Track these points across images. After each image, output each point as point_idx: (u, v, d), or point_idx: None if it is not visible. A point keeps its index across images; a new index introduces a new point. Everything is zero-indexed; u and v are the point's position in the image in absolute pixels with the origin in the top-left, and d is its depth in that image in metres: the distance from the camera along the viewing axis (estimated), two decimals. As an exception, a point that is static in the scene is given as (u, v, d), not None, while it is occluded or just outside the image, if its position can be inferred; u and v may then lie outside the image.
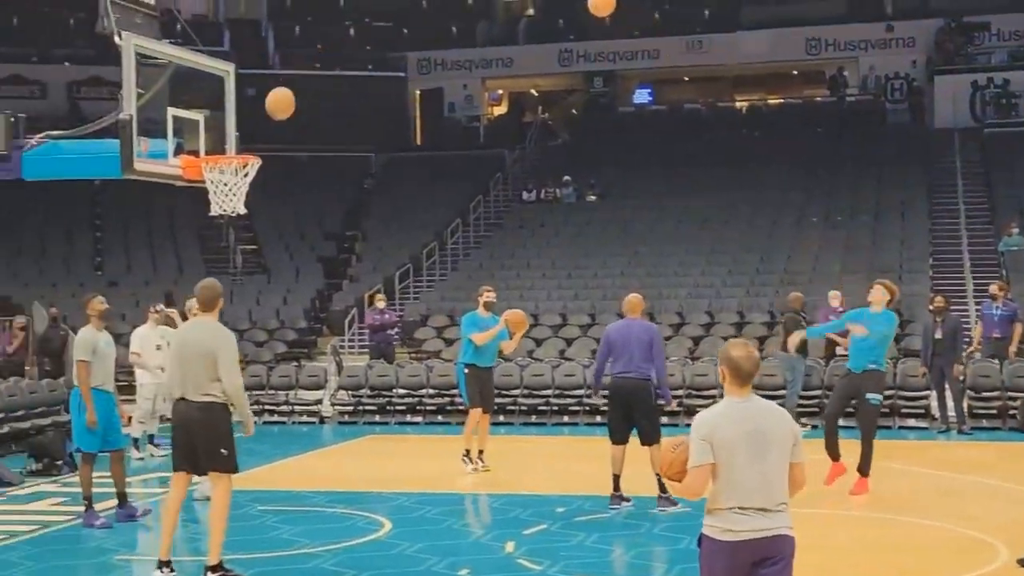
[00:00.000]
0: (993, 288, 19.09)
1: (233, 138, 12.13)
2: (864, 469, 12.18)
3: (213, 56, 13.27)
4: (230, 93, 12.12)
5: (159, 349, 15.35)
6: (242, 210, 11.96)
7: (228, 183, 11.63)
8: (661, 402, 11.92)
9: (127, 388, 22.26)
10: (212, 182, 11.53)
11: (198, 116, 12.11)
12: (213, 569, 8.78)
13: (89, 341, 11.25)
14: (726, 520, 5.44)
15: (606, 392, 12.10)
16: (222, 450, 8.84)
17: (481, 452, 13.89)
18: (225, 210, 11.84)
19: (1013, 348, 18.77)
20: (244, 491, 13.23)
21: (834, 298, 19.44)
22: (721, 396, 15.03)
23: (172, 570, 8.98)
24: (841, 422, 12.68)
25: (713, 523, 5.49)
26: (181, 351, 8.93)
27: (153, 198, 31.63)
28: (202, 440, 8.81)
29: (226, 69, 12.22)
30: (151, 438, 16.15)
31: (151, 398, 15.78)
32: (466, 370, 13.98)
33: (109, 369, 11.46)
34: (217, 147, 11.99)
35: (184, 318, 14.23)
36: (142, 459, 15.76)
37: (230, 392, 8.80)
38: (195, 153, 11.78)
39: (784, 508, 5.47)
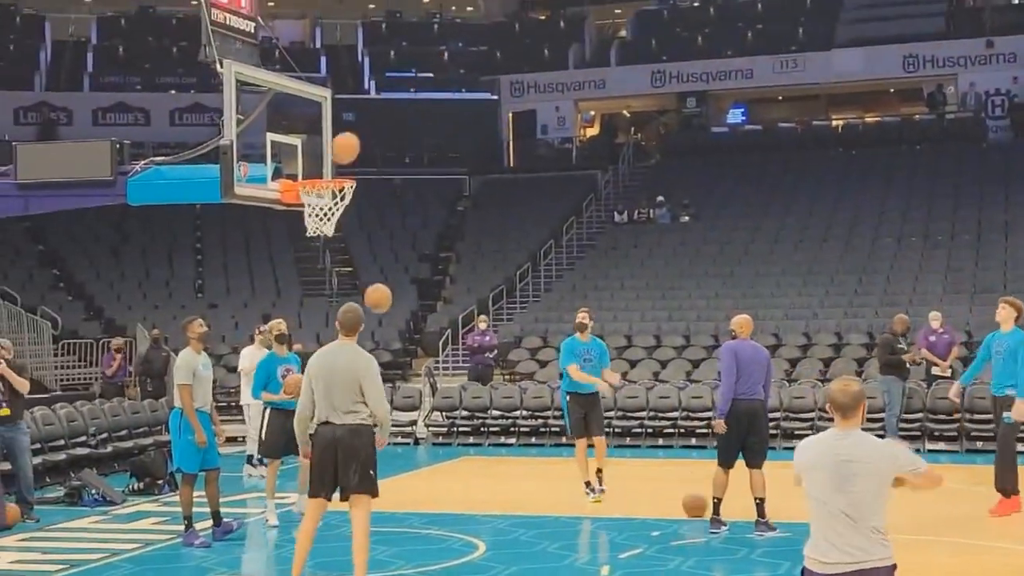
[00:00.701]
0: None
1: (330, 163, 12.28)
2: (1001, 488, 12.05)
3: (310, 82, 13.48)
4: (327, 118, 12.30)
5: None
6: (330, 232, 12.09)
7: (325, 206, 11.79)
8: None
9: (226, 408, 22.70)
10: (309, 205, 11.70)
11: (296, 141, 12.30)
12: None
13: (190, 364, 11.42)
14: (817, 550, 5.49)
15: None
16: (371, 472, 8.83)
17: (600, 471, 13.63)
18: (318, 232, 11.99)
19: None
20: (339, 512, 13.33)
21: (935, 319, 19.03)
22: (818, 420, 14.68)
23: None
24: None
25: (809, 553, 5.54)
26: (327, 375, 8.79)
27: (251, 222, 32.17)
28: (352, 463, 8.74)
29: (323, 95, 12.40)
30: (249, 458, 16.33)
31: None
32: (567, 398, 13.79)
33: (207, 391, 11.62)
34: (314, 171, 12.16)
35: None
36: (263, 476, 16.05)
37: (380, 415, 8.87)
38: (293, 177, 11.95)
39: (878, 538, 5.42)
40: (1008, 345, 12.06)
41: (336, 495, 8.95)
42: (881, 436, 17.29)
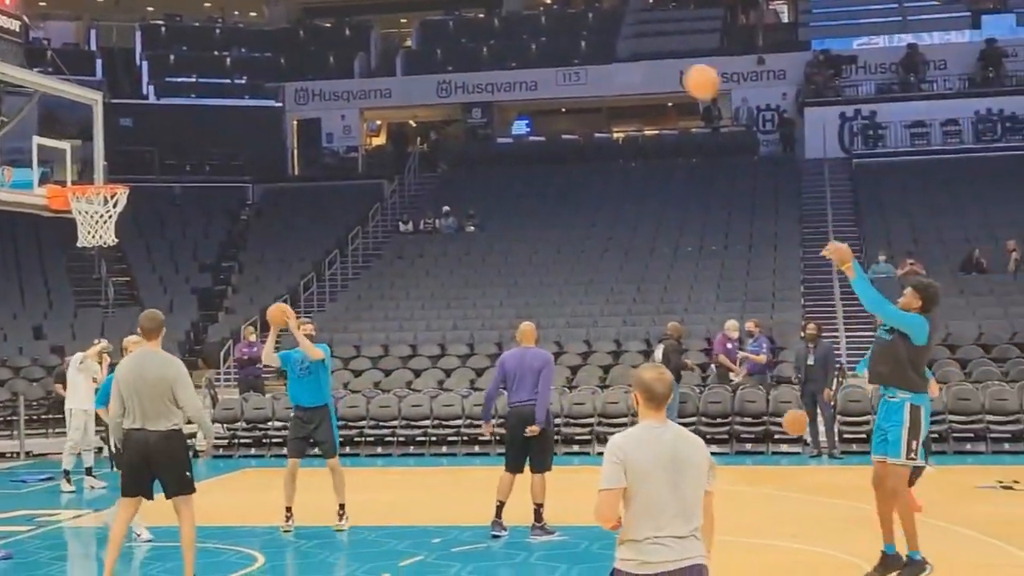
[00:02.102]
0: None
1: (102, 168, 11.92)
2: None
3: (85, 85, 13.05)
4: (98, 122, 11.92)
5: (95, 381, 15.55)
6: (112, 241, 11.76)
7: (96, 213, 11.43)
8: (534, 427, 11.85)
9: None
10: (80, 212, 11.33)
11: (65, 145, 11.89)
12: None
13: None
14: (641, 551, 5.26)
15: (501, 420, 12.02)
16: (187, 474, 9.18)
17: (343, 507, 12.31)
18: (94, 241, 11.63)
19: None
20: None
21: (733, 328, 19.80)
22: (597, 424, 14.92)
23: None
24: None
25: (627, 555, 5.31)
26: (136, 382, 9.01)
27: (20, 229, 30.91)
28: (169, 469, 9.07)
29: (94, 98, 12.03)
30: (89, 470, 16.08)
31: (81, 428, 15.80)
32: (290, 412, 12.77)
33: None
34: (86, 177, 11.79)
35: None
36: (72, 492, 15.68)
37: (198, 419, 9.27)
38: (62, 183, 11.57)
39: (698, 536, 5.33)
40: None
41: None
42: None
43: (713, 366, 20.58)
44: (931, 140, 34.35)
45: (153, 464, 9.06)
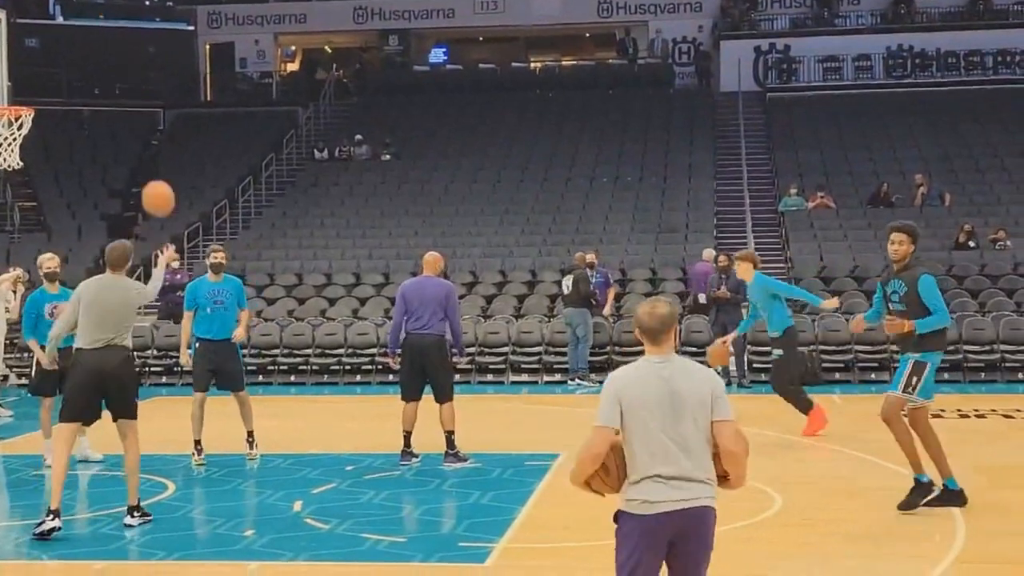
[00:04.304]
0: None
1: (5, 89, 11.63)
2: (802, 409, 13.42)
3: (-15, 3, 12.67)
4: (1, 42, 11.61)
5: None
6: (17, 164, 11.51)
7: (1, 136, 11.18)
8: (456, 359, 12.01)
9: None
10: (-17, 135, 11.07)
11: (-33, 65, 11.58)
12: (137, 509, 9.27)
13: None
14: (642, 491, 5.08)
15: (399, 350, 12.06)
16: (135, 399, 9.37)
17: (251, 434, 12.26)
18: (-1, 164, 11.37)
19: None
20: (19, 456, 12.83)
21: (711, 257, 19.51)
22: (512, 353, 14.97)
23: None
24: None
25: (630, 495, 5.11)
26: (101, 304, 9.19)
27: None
28: (122, 391, 9.23)
29: (-3, 16, 11.70)
30: None
31: None
32: (197, 344, 12.14)
33: None
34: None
35: None
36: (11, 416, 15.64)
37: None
38: (-36, 104, 11.28)
39: (706, 477, 5.13)
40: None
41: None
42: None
43: (701, 296, 19.72)
44: (843, 75, 34.72)
45: (107, 386, 9.16)
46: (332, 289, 23.56)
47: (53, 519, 8.82)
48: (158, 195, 10.12)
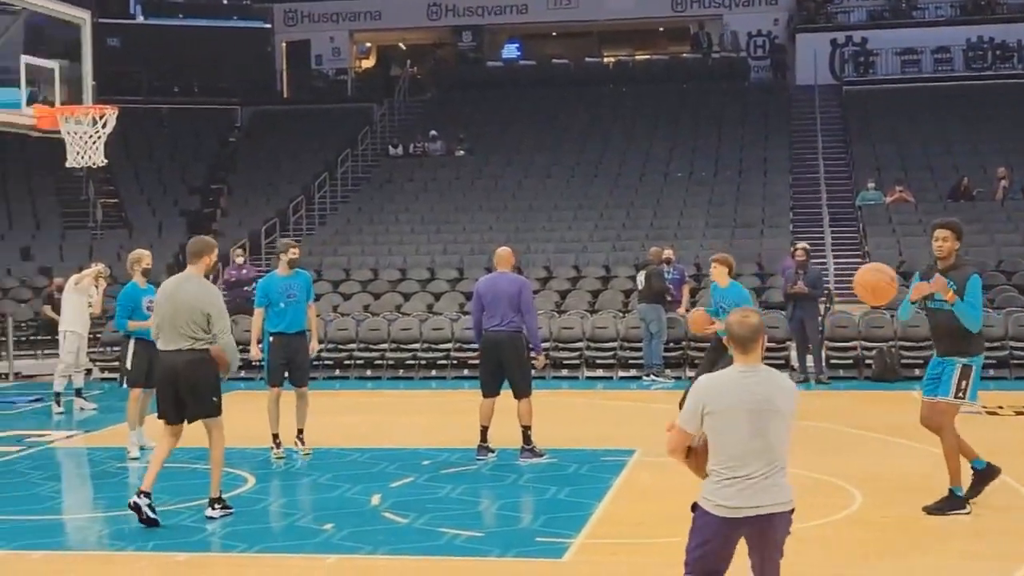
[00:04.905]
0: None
1: (90, 88, 11.84)
2: None
3: (71, 4, 12.91)
4: (87, 42, 11.81)
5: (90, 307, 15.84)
6: (102, 162, 11.70)
7: (85, 134, 11.38)
8: (532, 354, 12.05)
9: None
10: (68, 133, 11.28)
11: (53, 65, 11.80)
12: (219, 500, 9.42)
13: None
14: (719, 494, 5.29)
15: (476, 346, 12.11)
16: (214, 398, 9.33)
17: (301, 432, 12.30)
18: (83, 162, 11.58)
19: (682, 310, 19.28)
20: (103, 448, 13.06)
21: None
22: (586, 349, 14.97)
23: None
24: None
25: (708, 495, 5.34)
26: (172, 305, 9.23)
27: (8, 150, 30.72)
28: (194, 392, 9.23)
29: (82, 17, 11.90)
30: (79, 391, 16.12)
31: (74, 351, 15.81)
32: (270, 339, 12.23)
33: None
34: (74, 97, 11.72)
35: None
36: (62, 414, 15.75)
37: (225, 343, 9.24)
38: (51, 103, 11.50)
39: (781, 480, 5.33)
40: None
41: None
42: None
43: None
44: (922, 67, 34.23)
45: (180, 388, 9.24)
46: (407, 284, 23.69)
47: (142, 497, 9.09)
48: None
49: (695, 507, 5.39)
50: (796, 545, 5.31)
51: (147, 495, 9.12)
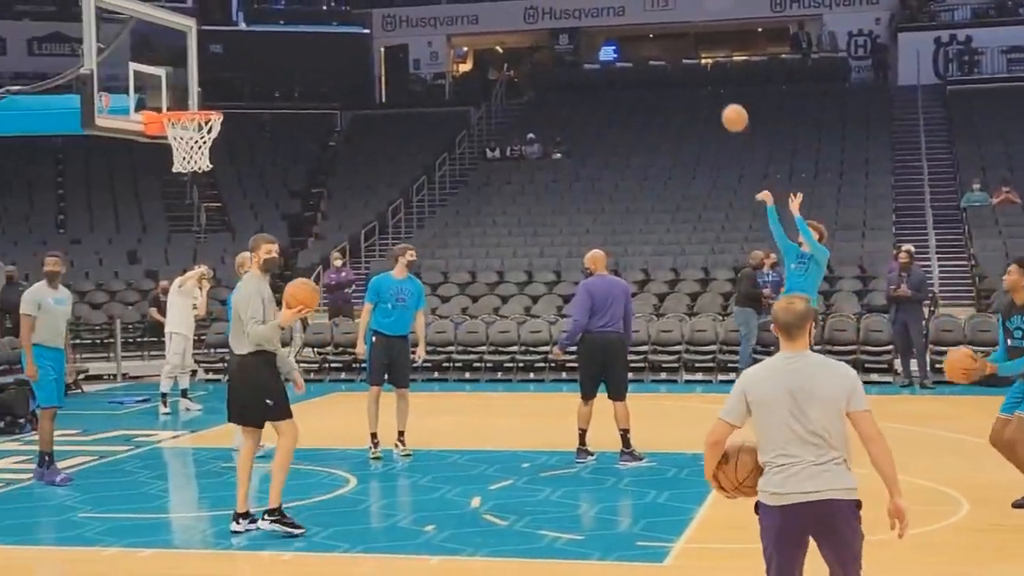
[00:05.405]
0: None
1: (196, 94, 12.00)
2: None
3: (176, 12, 13.12)
4: (192, 49, 11.98)
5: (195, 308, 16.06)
6: (207, 166, 11.87)
7: (190, 139, 11.55)
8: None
9: (91, 345, 22.28)
10: (174, 138, 11.46)
11: (160, 72, 11.99)
12: (271, 512, 9.03)
13: (35, 296, 11.27)
14: (771, 481, 5.28)
15: (574, 348, 12.09)
16: (267, 401, 8.99)
17: (402, 434, 12.35)
18: (188, 167, 11.77)
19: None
20: (208, 448, 13.28)
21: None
22: (685, 352, 14.90)
23: (253, 520, 9.09)
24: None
25: (762, 486, 5.33)
26: (234, 305, 9.16)
27: (116, 156, 31.41)
28: (238, 392, 9.09)
29: (188, 24, 12.08)
30: (184, 392, 16.40)
31: (180, 352, 16.06)
32: (373, 338, 12.27)
33: (58, 326, 11.42)
34: (179, 103, 11.90)
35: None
36: (168, 414, 16.02)
37: (253, 332, 8.87)
38: (157, 109, 11.69)
39: (840, 468, 5.24)
40: None
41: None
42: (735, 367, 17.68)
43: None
44: (1030, 66, 33.49)
45: (233, 391, 9.21)
46: (505, 287, 23.76)
47: (236, 520, 9.06)
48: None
49: (757, 506, 5.37)
50: (909, 553, 5.21)
51: (274, 511, 9.02)
